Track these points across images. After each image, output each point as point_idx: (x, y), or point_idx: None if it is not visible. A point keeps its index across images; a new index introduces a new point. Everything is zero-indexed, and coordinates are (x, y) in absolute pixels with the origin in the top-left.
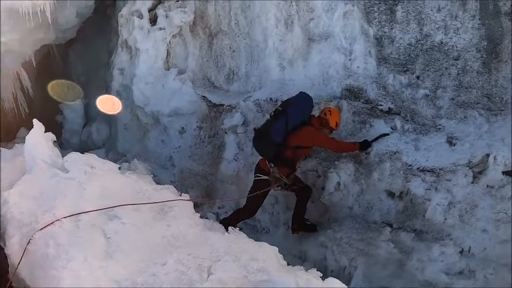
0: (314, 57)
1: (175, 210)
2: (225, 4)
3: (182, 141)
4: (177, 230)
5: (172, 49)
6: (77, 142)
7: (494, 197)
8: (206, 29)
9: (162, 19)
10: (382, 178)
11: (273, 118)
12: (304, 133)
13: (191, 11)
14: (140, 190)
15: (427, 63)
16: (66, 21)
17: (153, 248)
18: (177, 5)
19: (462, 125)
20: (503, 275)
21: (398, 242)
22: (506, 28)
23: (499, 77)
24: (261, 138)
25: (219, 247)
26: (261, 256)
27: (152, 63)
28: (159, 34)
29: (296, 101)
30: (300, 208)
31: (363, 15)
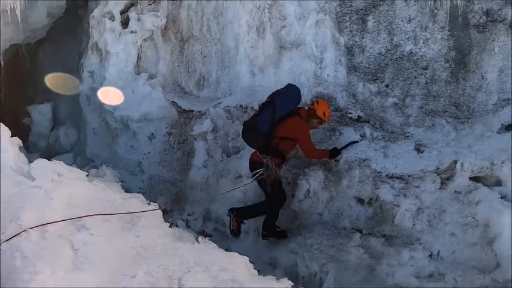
0: (285, 65)
1: (144, 220)
2: (197, 9)
3: (151, 147)
4: (146, 241)
5: (143, 53)
6: (44, 146)
7: (462, 202)
8: (178, 33)
9: (134, 22)
10: (352, 185)
11: (261, 109)
12: (290, 123)
13: (163, 15)
14: (108, 199)
15: (396, 72)
16: (36, 20)
17: (122, 260)
18: (149, 8)
19: (430, 133)
20: (472, 277)
21: (368, 247)
22: (474, 39)
23: (467, 87)
24: (249, 129)
25: (189, 258)
26: (232, 266)
27: (122, 67)
28: (130, 37)
29: (284, 91)
30: (272, 215)
31: (335, 24)
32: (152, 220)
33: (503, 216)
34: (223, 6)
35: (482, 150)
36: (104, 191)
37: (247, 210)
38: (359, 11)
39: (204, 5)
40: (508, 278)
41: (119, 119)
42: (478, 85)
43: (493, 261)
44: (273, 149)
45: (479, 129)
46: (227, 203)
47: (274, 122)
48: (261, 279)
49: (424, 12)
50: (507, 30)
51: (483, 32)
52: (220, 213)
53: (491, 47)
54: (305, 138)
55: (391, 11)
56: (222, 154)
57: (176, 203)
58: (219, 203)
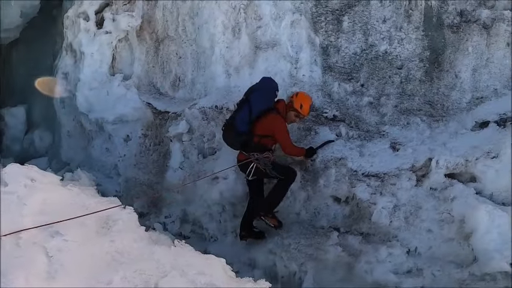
0: (260, 65)
1: (119, 224)
2: (173, 9)
3: (127, 149)
4: (121, 245)
5: (118, 54)
6: (19, 149)
7: (438, 199)
8: (153, 34)
9: (109, 22)
10: (328, 184)
11: (238, 108)
12: (268, 121)
13: (139, 15)
14: (83, 204)
15: (371, 71)
16: (10, 20)
17: (97, 266)
18: (124, 8)
19: (405, 131)
20: (450, 272)
21: (346, 245)
22: (448, 39)
23: (441, 85)
24: (228, 130)
25: (165, 262)
26: (209, 269)
27: (97, 68)
28: (105, 38)
29: (258, 87)
30: (250, 215)
31: (310, 25)
32: (127, 224)
33: (479, 211)
34: (199, 7)
35: (456, 148)
36: (78, 195)
37: (272, 200)
38: (334, 11)
39: (180, 5)
40: (485, 271)
41: (94, 121)
42: (452, 84)
43: (470, 255)
44: (255, 146)
45: (453, 127)
46: (204, 204)
47: (252, 121)
48: (239, 281)
49: (399, 12)
50: (480, 31)
51: (457, 32)
52: (198, 215)
53: (465, 46)
54: (282, 134)
55: (366, 12)
56: (198, 155)
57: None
58: (195, 205)
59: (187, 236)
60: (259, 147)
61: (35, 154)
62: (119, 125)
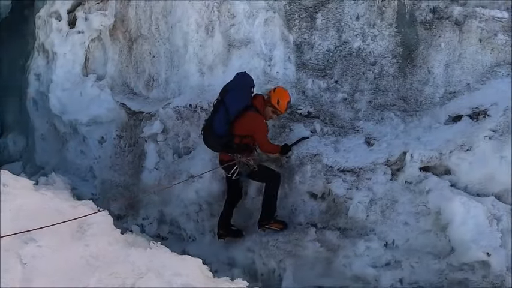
0: (234, 63)
1: (94, 228)
2: (146, 8)
3: (102, 151)
4: (96, 249)
5: (90, 54)
6: None
7: (413, 192)
8: (126, 33)
9: (81, 22)
10: (304, 180)
11: (214, 110)
12: (246, 120)
13: (111, 14)
14: (57, 208)
15: (345, 68)
16: None
17: (72, 271)
18: (97, 7)
19: (379, 126)
20: (428, 263)
21: (324, 241)
22: (421, 36)
23: (414, 81)
24: (207, 133)
25: (141, 264)
26: (185, 270)
27: (70, 69)
28: (77, 38)
29: (233, 87)
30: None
31: (284, 22)
32: (102, 227)
33: (454, 203)
34: (172, 5)
35: (430, 141)
36: (51, 200)
37: (267, 208)
38: (308, 8)
39: (153, 3)
40: (462, 261)
41: (68, 123)
42: (425, 79)
43: (447, 246)
44: (237, 147)
45: (427, 121)
46: (180, 205)
47: (230, 121)
48: (216, 281)
49: (372, 10)
50: (453, 27)
51: (430, 28)
52: (175, 215)
53: (438, 42)
54: (261, 131)
55: (340, 9)
56: (173, 155)
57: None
58: (172, 205)
59: (166, 237)
60: (241, 147)
61: (8, 159)
62: (93, 126)
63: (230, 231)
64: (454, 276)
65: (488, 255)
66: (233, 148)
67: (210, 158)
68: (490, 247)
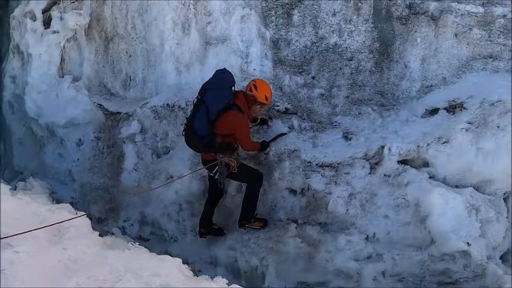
0: (211, 61)
1: (72, 231)
2: (122, 7)
3: (80, 153)
4: (74, 252)
5: (66, 54)
6: None
7: (392, 185)
8: (102, 32)
9: (57, 21)
10: (283, 177)
11: (194, 109)
12: (228, 119)
13: (87, 14)
14: (34, 212)
15: (322, 64)
16: None
17: (50, 275)
18: (72, 6)
19: (357, 121)
20: (410, 255)
21: (305, 236)
22: (397, 31)
23: (391, 76)
24: (188, 133)
25: (119, 266)
26: (164, 270)
27: (45, 70)
28: (52, 38)
29: (212, 85)
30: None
31: (260, 19)
32: (80, 231)
33: (433, 194)
34: (148, 3)
35: (408, 135)
36: (28, 204)
37: (248, 207)
38: (284, 5)
39: (129, 2)
40: (443, 252)
41: (45, 126)
42: (402, 74)
43: (427, 237)
44: (219, 147)
45: (404, 115)
46: (161, 205)
47: (211, 121)
48: (195, 280)
49: (349, 6)
50: (429, 22)
51: (406, 23)
52: (156, 216)
53: (414, 37)
54: (242, 131)
55: (316, 5)
56: (152, 155)
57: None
58: (153, 206)
59: (147, 239)
60: (223, 147)
61: None
62: (71, 128)
63: (212, 229)
64: (436, 266)
65: (468, 245)
66: (215, 148)
67: (189, 157)
68: (469, 237)
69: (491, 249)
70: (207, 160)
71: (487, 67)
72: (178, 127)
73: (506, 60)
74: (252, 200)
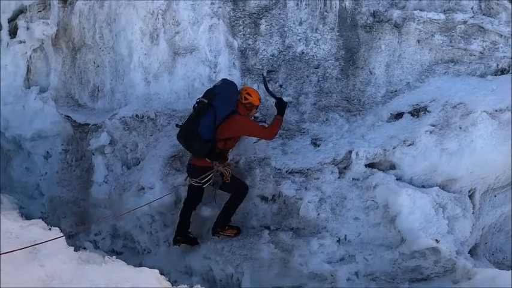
0: (179, 71)
1: (47, 247)
2: (90, 16)
3: (48, 166)
4: (51, 269)
5: (32, 65)
6: None
7: (361, 188)
8: (69, 42)
9: (23, 31)
10: (254, 184)
11: (199, 112)
12: (236, 123)
13: (54, 23)
14: (6, 229)
15: (289, 72)
16: None
17: None
18: (39, 15)
19: (325, 127)
20: (381, 254)
21: (278, 242)
22: (362, 39)
23: (356, 82)
24: (190, 137)
25: (99, 280)
26: (143, 282)
27: (11, 81)
28: (18, 48)
29: (221, 91)
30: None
31: (228, 29)
32: (55, 246)
33: (401, 195)
34: (116, 13)
35: (374, 139)
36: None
37: (225, 215)
38: (252, 15)
39: (97, 11)
40: (413, 249)
41: (11, 140)
42: (367, 80)
43: (397, 236)
44: (220, 152)
45: (370, 120)
46: (133, 217)
47: (216, 125)
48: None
49: (315, 15)
50: (392, 29)
51: (370, 31)
52: (128, 228)
53: (378, 44)
54: (253, 129)
55: (283, 15)
56: (122, 167)
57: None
58: (125, 219)
59: (120, 252)
60: (222, 153)
61: None
62: (38, 141)
63: (187, 238)
64: (407, 264)
65: (437, 242)
66: (215, 153)
67: (160, 167)
68: (438, 234)
69: (459, 245)
70: (202, 168)
71: (449, 71)
72: (148, 138)
73: (466, 64)
74: (232, 209)
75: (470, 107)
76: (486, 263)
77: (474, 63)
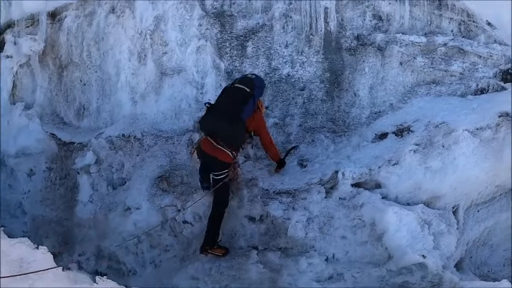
0: (166, 91)
1: (36, 267)
2: (78, 34)
3: (32, 184)
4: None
5: (18, 80)
6: None
7: (347, 207)
8: (56, 59)
9: (10, 46)
10: (241, 205)
11: (239, 98)
12: (258, 117)
13: (42, 39)
14: None
15: (275, 94)
16: None
17: None
18: (27, 31)
19: (311, 148)
20: (369, 272)
21: (266, 262)
22: (346, 61)
23: (341, 103)
24: (233, 121)
25: None
26: None
27: None
28: (5, 63)
29: (259, 84)
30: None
31: (215, 50)
32: (43, 265)
33: (387, 213)
34: (105, 32)
35: (360, 159)
36: None
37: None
38: (239, 37)
39: (85, 29)
40: (401, 266)
41: None
42: (352, 101)
43: (384, 253)
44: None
45: (355, 140)
46: (118, 238)
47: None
48: None
49: (301, 38)
50: (376, 52)
51: (354, 54)
52: (113, 249)
53: (362, 67)
54: (265, 128)
55: (270, 37)
56: (107, 187)
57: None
58: (110, 239)
59: (104, 273)
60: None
61: None
62: (22, 158)
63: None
64: (395, 280)
65: (423, 257)
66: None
67: (146, 188)
68: (424, 250)
69: (445, 259)
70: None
71: (431, 92)
72: (134, 158)
73: (447, 84)
74: (217, 222)
75: (452, 126)
76: (472, 276)
77: (455, 83)
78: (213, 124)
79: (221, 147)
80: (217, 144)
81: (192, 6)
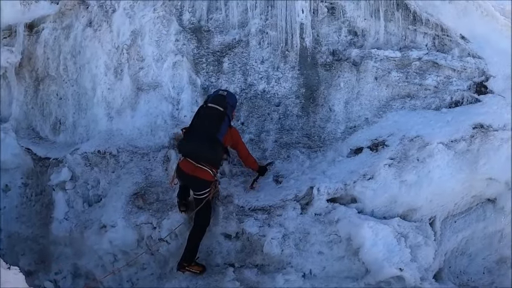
0: (142, 107)
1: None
2: (55, 47)
3: (7, 200)
4: None
5: None
6: None
7: (323, 223)
8: (33, 72)
9: None
10: (217, 222)
11: (216, 118)
12: (234, 133)
13: (18, 51)
14: None
15: (251, 110)
16: None
17: None
18: (4, 42)
19: (286, 164)
20: (347, 286)
21: (243, 279)
22: (322, 77)
23: (317, 119)
24: (211, 141)
25: None
26: None
27: None
28: None
29: (232, 102)
30: None
31: (192, 66)
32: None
33: (363, 228)
34: (82, 45)
35: (335, 174)
36: None
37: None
38: (215, 53)
39: (62, 42)
40: (379, 279)
41: None
42: (327, 117)
43: (362, 268)
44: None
45: (330, 155)
46: (94, 256)
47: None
48: None
49: (276, 54)
50: (351, 67)
51: (330, 69)
52: (90, 267)
53: (337, 82)
54: (242, 143)
55: (246, 53)
56: (83, 204)
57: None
58: (86, 257)
59: None
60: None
61: None
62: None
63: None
64: None
65: (401, 270)
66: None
67: (122, 205)
68: (401, 263)
69: (423, 271)
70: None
71: (405, 106)
72: (110, 174)
73: (422, 98)
74: (197, 240)
75: (426, 139)
76: (451, 285)
77: (429, 97)
78: (192, 149)
79: (202, 166)
80: (198, 164)
81: (169, 21)
